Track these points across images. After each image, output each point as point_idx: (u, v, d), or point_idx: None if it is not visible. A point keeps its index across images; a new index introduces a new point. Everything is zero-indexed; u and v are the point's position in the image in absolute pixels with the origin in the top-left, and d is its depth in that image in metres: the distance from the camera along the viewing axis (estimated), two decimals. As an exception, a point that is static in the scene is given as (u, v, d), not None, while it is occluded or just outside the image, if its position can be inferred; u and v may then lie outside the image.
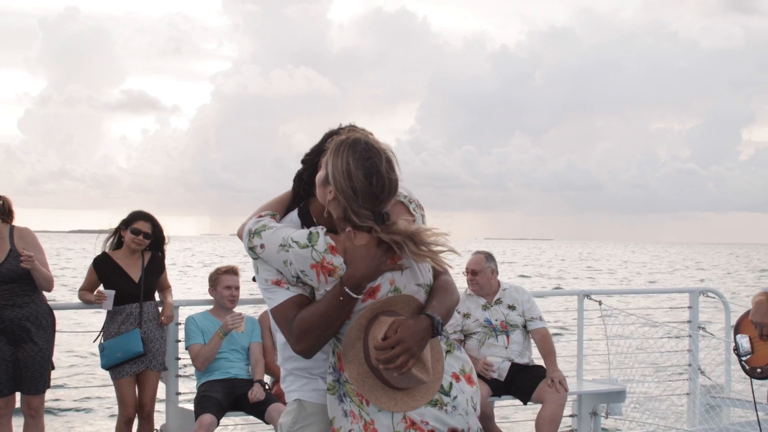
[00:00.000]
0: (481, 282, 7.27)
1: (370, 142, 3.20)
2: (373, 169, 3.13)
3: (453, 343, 3.34)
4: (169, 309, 6.95)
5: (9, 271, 6.35)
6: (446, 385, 3.22)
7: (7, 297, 6.35)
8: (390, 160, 3.19)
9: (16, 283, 6.38)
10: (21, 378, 6.39)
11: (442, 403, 3.19)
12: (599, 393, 7.63)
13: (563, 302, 14.46)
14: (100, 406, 12.58)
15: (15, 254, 6.38)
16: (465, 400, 3.24)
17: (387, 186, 3.16)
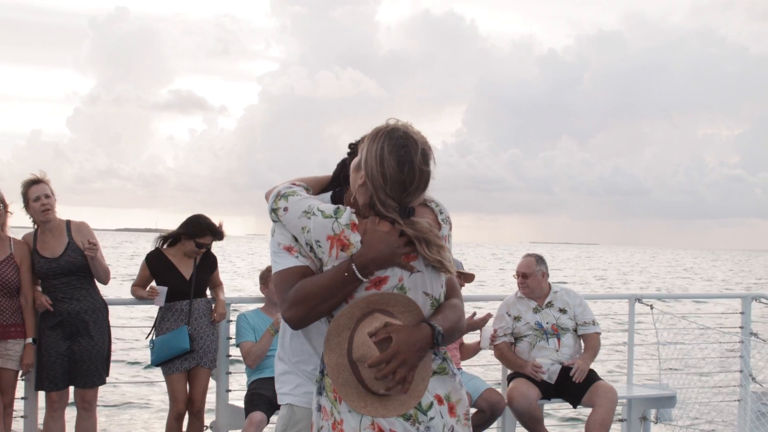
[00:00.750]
0: (531, 285, 7.24)
1: (408, 131, 3.15)
2: (406, 157, 3.08)
3: (447, 367, 3.22)
4: (221, 306, 7.00)
5: (68, 263, 6.47)
6: (426, 403, 3.11)
7: (65, 290, 6.47)
8: (426, 153, 3.13)
9: (74, 276, 6.50)
10: (76, 371, 6.50)
11: (416, 419, 3.09)
12: (649, 398, 7.58)
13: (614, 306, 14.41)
14: (151, 402, 12.71)
15: (74, 246, 6.51)
16: (442, 425, 3.12)
17: (418, 176, 3.10)
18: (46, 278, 6.51)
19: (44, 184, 6.54)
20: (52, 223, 6.56)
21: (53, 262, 6.47)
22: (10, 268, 6.35)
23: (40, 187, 6.52)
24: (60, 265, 6.47)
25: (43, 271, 6.48)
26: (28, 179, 6.54)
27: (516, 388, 6.96)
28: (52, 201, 6.54)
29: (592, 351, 7.13)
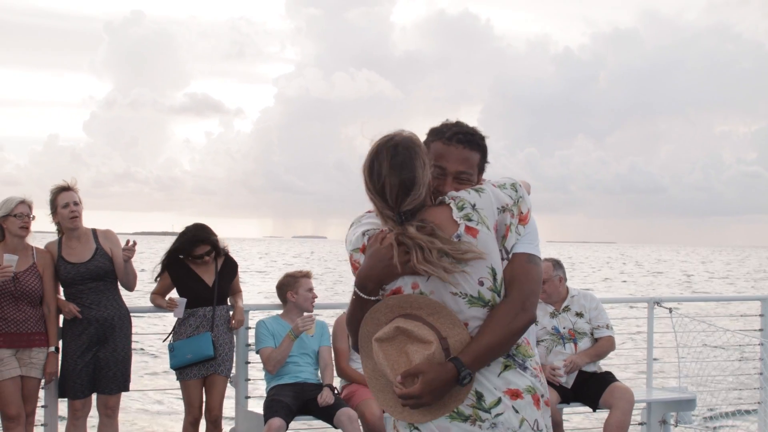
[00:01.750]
0: (549, 290, 7.22)
1: (390, 138, 3.14)
2: (375, 166, 3.11)
3: (512, 363, 3.14)
4: (239, 313, 7.01)
5: (97, 268, 6.52)
6: (491, 400, 3.08)
7: (92, 296, 6.52)
8: (404, 155, 3.09)
9: (101, 281, 6.55)
10: (100, 378, 6.54)
11: (478, 417, 3.07)
12: (669, 401, 7.55)
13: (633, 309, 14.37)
14: (167, 407, 12.75)
15: (102, 252, 6.55)
16: (517, 419, 3.09)
17: (390, 183, 3.07)
18: (73, 284, 6.53)
19: (73, 191, 6.58)
20: (79, 230, 6.60)
21: (81, 266, 6.51)
22: (34, 277, 6.39)
23: (69, 194, 6.56)
24: (88, 270, 6.51)
25: (70, 276, 6.51)
26: (57, 186, 6.58)
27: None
28: (80, 208, 6.58)
29: (594, 350, 7.11)
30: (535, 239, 3.24)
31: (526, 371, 3.16)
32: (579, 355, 7.06)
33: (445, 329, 3.07)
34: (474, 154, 3.32)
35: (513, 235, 3.18)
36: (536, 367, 3.22)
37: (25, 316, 6.34)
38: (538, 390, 3.17)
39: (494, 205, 3.15)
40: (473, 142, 3.33)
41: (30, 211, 6.46)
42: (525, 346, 3.20)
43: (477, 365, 3.06)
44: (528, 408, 3.11)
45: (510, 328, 3.09)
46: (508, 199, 3.18)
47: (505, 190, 3.21)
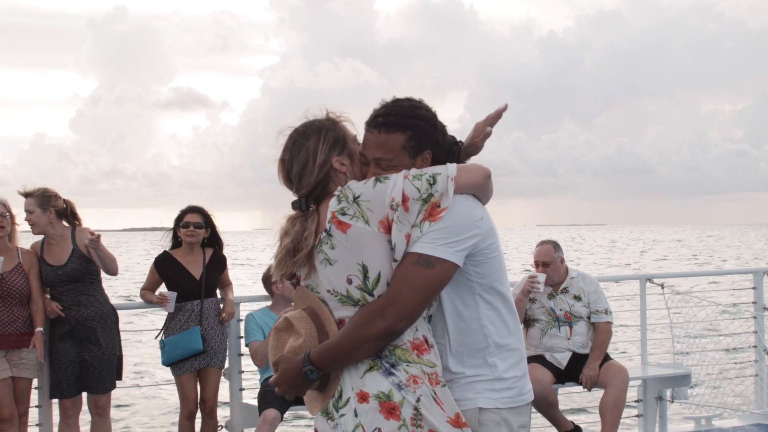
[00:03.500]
0: (551, 273, 7.12)
1: (299, 127, 3.18)
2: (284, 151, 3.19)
3: (379, 363, 2.94)
4: (230, 306, 6.98)
5: (74, 270, 6.48)
6: (344, 399, 2.98)
7: (72, 297, 6.49)
8: (288, 142, 3.16)
9: (80, 283, 6.51)
10: (88, 378, 6.51)
11: (331, 415, 3.03)
12: (664, 377, 7.54)
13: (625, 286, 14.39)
14: (162, 403, 12.73)
15: (78, 254, 6.52)
16: (353, 423, 2.94)
17: (282, 170, 3.17)
18: (54, 286, 6.53)
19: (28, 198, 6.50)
20: (56, 231, 6.55)
21: (59, 269, 6.48)
22: (19, 276, 6.36)
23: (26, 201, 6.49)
24: (65, 273, 6.48)
25: (50, 279, 6.49)
26: None
27: (529, 373, 6.91)
28: (7, 221, 6.44)
29: (600, 349, 7.00)
30: (443, 239, 2.91)
31: (389, 376, 2.93)
32: (590, 366, 6.92)
33: (329, 324, 3.03)
34: (394, 136, 3.07)
35: (397, 232, 2.92)
36: (414, 376, 2.93)
37: (14, 317, 6.31)
38: (394, 398, 2.91)
39: (387, 197, 2.93)
40: (392, 123, 3.07)
41: (5, 209, 6.40)
42: (405, 350, 2.95)
43: (326, 364, 2.96)
44: (370, 414, 2.92)
45: (361, 333, 2.90)
46: (413, 191, 2.92)
47: (416, 182, 2.92)
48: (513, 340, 3.12)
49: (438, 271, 2.91)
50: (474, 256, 2.99)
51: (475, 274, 3.02)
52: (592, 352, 7.01)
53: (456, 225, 2.93)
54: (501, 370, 3.06)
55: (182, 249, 7.02)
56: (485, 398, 3.03)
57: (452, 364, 3.05)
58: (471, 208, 3.00)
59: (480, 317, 3.04)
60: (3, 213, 6.38)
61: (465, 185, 2.98)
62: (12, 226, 6.47)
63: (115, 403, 9.44)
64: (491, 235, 3.04)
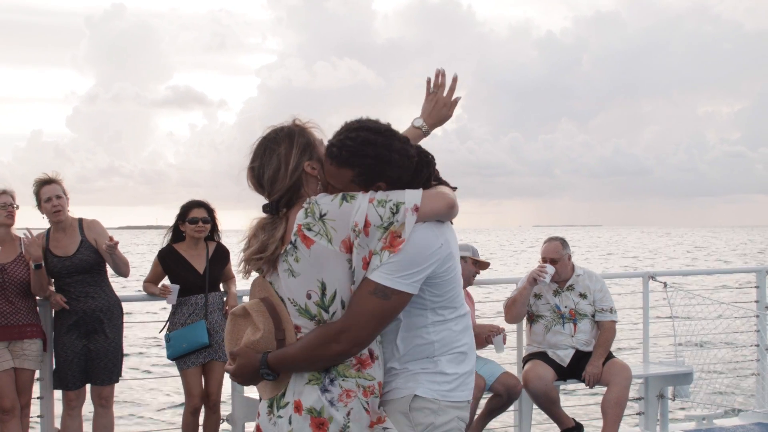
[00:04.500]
0: (559, 270, 7.10)
1: (268, 133, 3.24)
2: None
3: (320, 377, 3.02)
4: (233, 299, 6.97)
5: (82, 261, 6.49)
6: (284, 401, 3.08)
7: (79, 288, 6.49)
8: (258, 149, 3.22)
9: (88, 274, 6.52)
10: (92, 369, 6.52)
11: (272, 410, 3.14)
12: (666, 375, 7.54)
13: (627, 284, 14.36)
14: (166, 397, 12.73)
15: (87, 245, 6.52)
16: (286, 429, 3.05)
17: (248, 176, 3.25)
18: (60, 277, 6.52)
19: (56, 184, 6.53)
20: (64, 222, 6.55)
21: (66, 260, 6.48)
22: (21, 267, 6.35)
23: (51, 187, 6.51)
24: (73, 264, 6.48)
25: (56, 270, 6.48)
26: (40, 179, 6.54)
27: (531, 369, 6.94)
28: (64, 201, 6.53)
29: (603, 347, 6.99)
30: (400, 271, 2.94)
31: (324, 393, 3.02)
32: (593, 363, 6.92)
33: (287, 324, 3.10)
34: (343, 171, 3.07)
35: (356, 255, 2.96)
36: (348, 391, 3.01)
37: (16, 307, 6.30)
38: (324, 414, 3.00)
39: (351, 220, 2.96)
40: (341, 159, 3.06)
41: (13, 200, 6.42)
42: (346, 365, 3.04)
43: (282, 368, 3.05)
44: (302, 425, 3.02)
45: (316, 353, 3.00)
46: (376, 218, 2.94)
47: (380, 209, 2.94)
48: (460, 345, 3.17)
49: (393, 302, 2.97)
50: (430, 279, 3.04)
51: (429, 293, 3.07)
52: (596, 350, 7.00)
53: (414, 257, 2.96)
54: (443, 365, 3.12)
55: (186, 243, 7.02)
56: (424, 387, 3.09)
57: (397, 364, 3.14)
58: (430, 238, 3.00)
59: (426, 327, 3.12)
60: (11, 203, 6.39)
61: (427, 214, 2.99)
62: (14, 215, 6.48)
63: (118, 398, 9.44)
64: (449, 259, 3.08)
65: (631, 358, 8.10)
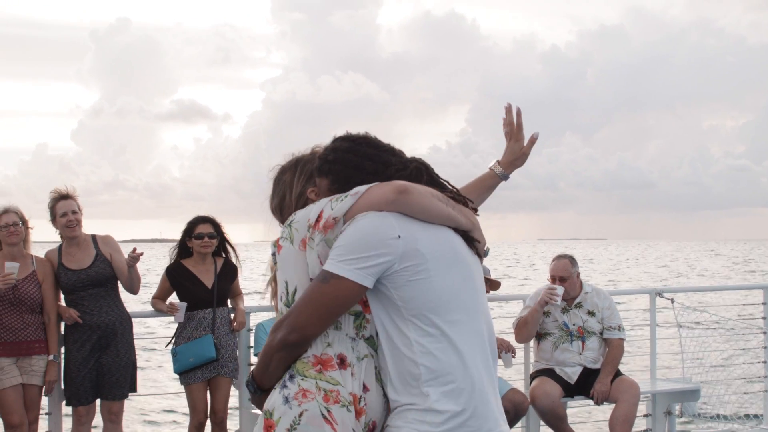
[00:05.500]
0: (569, 288, 7.13)
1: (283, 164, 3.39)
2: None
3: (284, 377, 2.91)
4: (241, 315, 6.99)
5: (97, 274, 6.52)
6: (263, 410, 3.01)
7: (93, 302, 6.52)
8: (273, 178, 3.39)
9: (102, 287, 6.55)
10: (103, 384, 6.53)
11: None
12: (673, 392, 7.53)
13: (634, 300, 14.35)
14: (171, 413, 12.71)
15: (102, 258, 6.56)
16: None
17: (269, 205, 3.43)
18: (74, 290, 6.54)
19: (71, 199, 6.57)
20: (78, 237, 6.58)
21: (81, 273, 6.51)
22: (33, 284, 6.38)
23: (67, 203, 6.55)
24: (89, 276, 6.51)
25: (71, 283, 6.51)
26: (55, 194, 6.58)
27: (538, 386, 6.93)
28: (79, 216, 6.59)
29: (612, 365, 7.01)
30: (342, 255, 2.83)
31: (282, 389, 2.91)
32: (602, 381, 6.93)
33: None
34: (321, 180, 3.10)
35: (309, 250, 2.94)
36: (305, 390, 2.87)
37: (25, 323, 6.32)
38: (275, 415, 2.87)
39: (308, 219, 2.98)
40: (318, 169, 3.12)
41: (17, 217, 6.43)
42: (305, 363, 2.92)
43: (259, 379, 3.00)
44: (258, 428, 2.93)
45: (268, 345, 2.93)
46: (328, 211, 2.92)
47: (334, 203, 2.92)
48: (456, 372, 2.83)
49: (331, 287, 2.82)
50: (390, 278, 2.84)
51: (397, 297, 2.85)
52: (604, 367, 7.00)
53: (356, 242, 2.83)
54: (433, 400, 2.78)
55: (193, 258, 7.04)
56: (411, 428, 2.79)
57: (391, 392, 2.91)
58: (381, 227, 2.84)
59: (411, 344, 2.84)
60: (16, 222, 6.41)
61: (371, 201, 2.89)
62: (26, 232, 6.50)
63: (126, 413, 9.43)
64: (413, 256, 2.84)
65: (639, 374, 8.06)
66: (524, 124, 3.83)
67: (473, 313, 2.94)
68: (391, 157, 3.07)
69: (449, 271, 2.89)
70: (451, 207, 3.00)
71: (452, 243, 2.94)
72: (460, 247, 2.97)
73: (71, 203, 6.56)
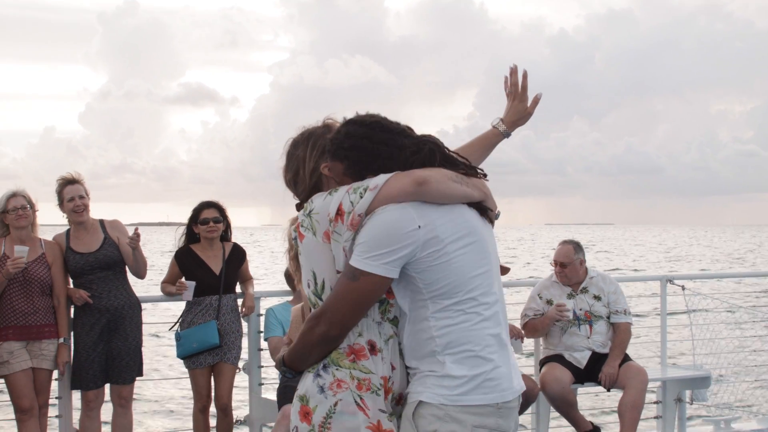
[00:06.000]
0: (569, 274, 7.16)
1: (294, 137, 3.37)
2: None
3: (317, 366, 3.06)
4: (250, 300, 6.98)
5: (105, 257, 6.54)
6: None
7: (101, 285, 6.54)
8: (285, 150, 3.36)
9: (110, 271, 6.56)
10: (112, 368, 6.55)
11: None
12: (684, 379, 7.51)
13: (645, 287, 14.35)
14: (177, 396, 12.75)
15: (110, 242, 6.57)
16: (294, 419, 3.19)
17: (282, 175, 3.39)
18: (82, 274, 6.55)
19: (79, 184, 6.59)
20: (86, 222, 6.59)
21: (90, 256, 6.52)
22: (42, 266, 6.39)
23: (74, 187, 6.57)
24: (97, 259, 6.52)
25: (79, 266, 6.52)
26: (63, 178, 6.60)
27: (548, 372, 6.93)
28: (86, 201, 6.60)
29: (619, 348, 7.01)
30: (367, 252, 2.94)
31: (316, 378, 3.06)
32: (610, 364, 6.93)
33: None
34: (335, 164, 3.15)
35: (335, 244, 3.02)
36: (340, 380, 3.02)
37: (35, 307, 6.33)
38: (311, 402, 3.04)
39: (328, 211, 3.03)
40: (332, 153, 3.15)
41: (25, 201, 6.44)
42: (340, 353, 3.06)
43: (291, 363, 3.15)
44: (294, 412, 3.10)
45: (307, 338, 3.07)
46: (347, 205, 2.99)
47: (353, 195, 3.00)
48: (469, 342, 3.00)
49: (362, 284, 2.95)
50: (413, 264, 2.97)
51: (420, 280, 2.99)
52: (612, 351, 7.00)
53: (380, 237, 2.93)
54: (449, 367, 2.97)
55: (201, 244, 7.03)
56: (430, 393, 2.98)
57: (412, 362, 3.08)
58: (402, 219, 2.94)
59: (428, 319, 3.00)
60: (24, 205, 6.41)
61: (391, 195, 2.96)
62: (34, 215, 6.51)
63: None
64: (434, 243, 2.96)
65: (648, 361, 8.03)
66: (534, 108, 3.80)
67: (487, 287, 3.07)
68: (405, 139, 3.11)
69: (466, 250, 3.02)
70: (465, 183, 3.07)
71: (468, 220, 3.07)
72: (474, 221, 3.09)
73: (78, 188, 6.57)
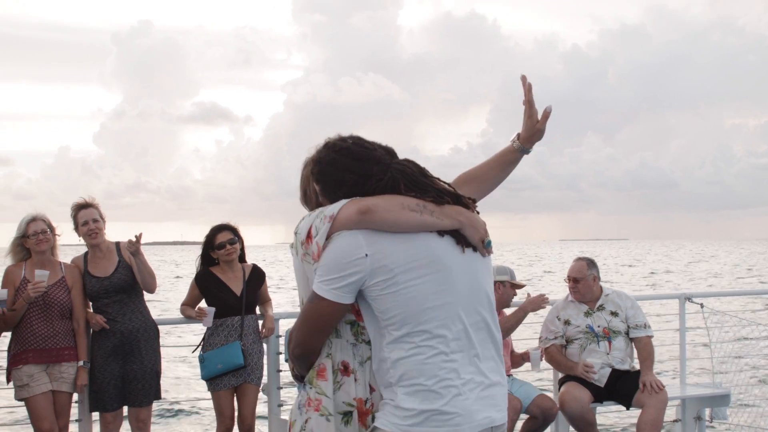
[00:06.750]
0: (582, 290, 7.19)
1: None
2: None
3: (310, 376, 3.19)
4: (270, 322, 7.00)
5: (120, 281, 6.56)
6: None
7: (117, 308, 6.57)
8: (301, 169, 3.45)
9: (125, 294, 6.59)
10: (130, 391, 6.56)
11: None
12: (703, 397, 7.49)
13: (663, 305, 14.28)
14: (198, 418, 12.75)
15: (124, 264, 6.61)
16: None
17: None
18: (99, 298, 6.59)
19: (93, 208, 6.64)
20: (101, 245, 6.64)
21: (105, 280, 6.56)
22: (62, 290, 6.44)
23: (88, 211, 6.62)
24: (112, 283, 6.56)
25: (95, 291, 6.56)
26: (77, 203, 6.67)
27: (568, 392, 6.91)
28: (101, 225, 6.65)
29: (650, 360, 7.00)
30: (321, 276, 3.01)
31: (298, 396, 3.25)
32: (645, 373, 6.92)
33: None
34: (315, 185, 3.27)
35: (308, 265, 3.11)
36: (309, 399, 3.15)
37: (55, 331, 6.37)
38: (292, 417, 3.23)
39: (304, 231, 3.11)
40: (311, 173, 3.27)
41: (45, 225, 6.49)
42: (313, 371, 3.18)
43: (293, 373, 3.33)
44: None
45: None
46: (314, 230, 3.08)
47: (317, 220, 3.08)
48: (421, 375, 2.98)
49: (315, 306, 3.05)
50: (366, 292, 3.02)
51: (375, 308, 3.04)
52: (642, 364, 7.02)
53: (330, 264, 3.00)
54: (401, 398, 3.00)
55: (221, 266, 7.06)
56: (385, 420, 3.03)
57: (376, 385, 3.14)
58: (349, 247, 2.99)
59: (384, 349, 3.04)
60: (44, 229, 6.46)
61: (341, 223, 3.03)
62: (54, 239, 6.56)
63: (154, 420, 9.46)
64: (382, 272, 2.97)
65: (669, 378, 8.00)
66: (546, 124, 3.80)
67: (446, 319, 3.02)
68: (374, 166, 3.13)
69: (422, 280, 3.00)
70: (429, 211, 3.04)
71: (430, 249, 3.04)
72: (440, 251, 3.04)
73: (92, 212, 6.62)
